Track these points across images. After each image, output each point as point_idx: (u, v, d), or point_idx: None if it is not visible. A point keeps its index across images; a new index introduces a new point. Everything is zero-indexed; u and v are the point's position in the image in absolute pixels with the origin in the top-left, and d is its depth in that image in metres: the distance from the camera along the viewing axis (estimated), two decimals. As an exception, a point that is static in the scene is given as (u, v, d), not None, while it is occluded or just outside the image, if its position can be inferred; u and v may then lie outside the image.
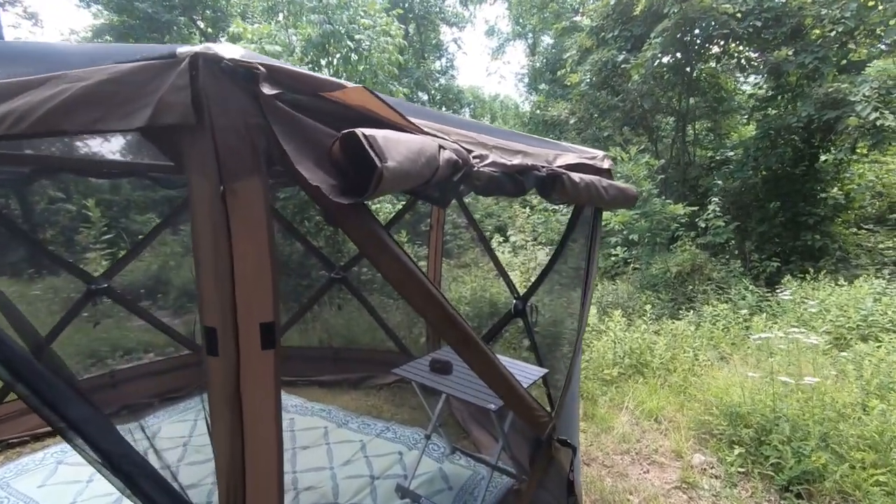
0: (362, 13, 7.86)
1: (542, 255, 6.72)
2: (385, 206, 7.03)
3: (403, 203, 4.77)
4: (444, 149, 1.19)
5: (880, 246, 7.79)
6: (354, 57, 7.50)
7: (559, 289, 3.79)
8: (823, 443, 3.08)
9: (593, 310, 5.62)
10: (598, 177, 2.20)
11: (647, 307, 5.46)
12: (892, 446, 3.09)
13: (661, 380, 4.55)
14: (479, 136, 1.69)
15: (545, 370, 3.07)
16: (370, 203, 1.46)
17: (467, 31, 39.88)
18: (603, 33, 9.44)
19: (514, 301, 3.67)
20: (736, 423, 3.51)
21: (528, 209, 8.67)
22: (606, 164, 2.35)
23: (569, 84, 11.43)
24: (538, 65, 19.80)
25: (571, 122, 10.81)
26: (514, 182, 1.61)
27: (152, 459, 1.21)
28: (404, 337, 4.98)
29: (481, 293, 5.45)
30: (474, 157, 1.49)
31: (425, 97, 20.15)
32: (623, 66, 8.36)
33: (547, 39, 22.98)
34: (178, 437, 3.47)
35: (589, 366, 4.73)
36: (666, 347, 4.86)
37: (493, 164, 1.51)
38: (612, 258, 7.90)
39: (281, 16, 8.79)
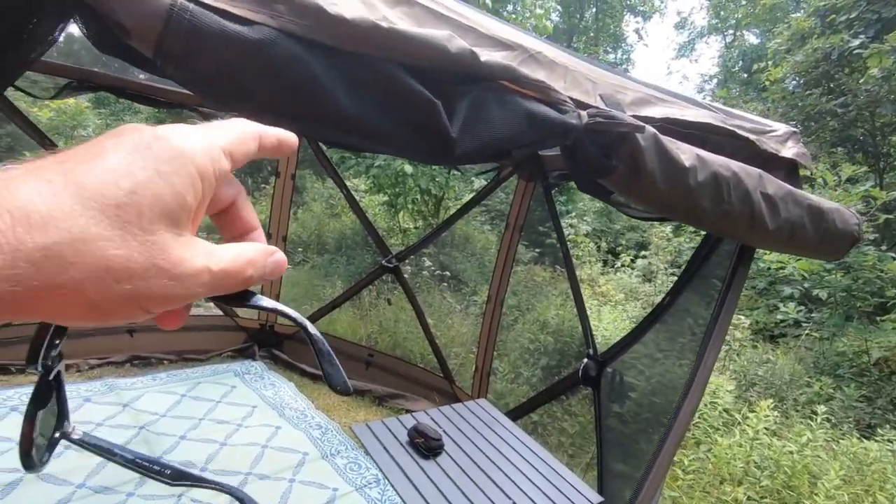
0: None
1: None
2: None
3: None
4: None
5: None
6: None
7: (668, 352, 2.43)
8: None
9: (730, 386, 3.93)
10: (757, 171, 0.91)
11: (821, 407, 3.59)
12: None
13: (821, 535, 2.84)
14: None
15: (599, 499, 1.82)
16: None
17: (653, 22, 35.79)
18: (833, 14, 6.98)
19: (586, 360, 2.41)
20: None
21: (668, 228, 6.86)
22: (790, 151, 1.02)
23: (767, 82, 8.99)
24: (731, 63, 16.61)
25: (761, 129, 8.36)
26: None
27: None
28: (454, 356, 3.97)
29: (571, 325, 4.14)
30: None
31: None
32: (857, 52, 5.93)
33: (751, 38, 19.26)
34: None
35: (700, 472, 3.20)
36: (841, 480, 3.07)
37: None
38: (779, 315, 5.78)
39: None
